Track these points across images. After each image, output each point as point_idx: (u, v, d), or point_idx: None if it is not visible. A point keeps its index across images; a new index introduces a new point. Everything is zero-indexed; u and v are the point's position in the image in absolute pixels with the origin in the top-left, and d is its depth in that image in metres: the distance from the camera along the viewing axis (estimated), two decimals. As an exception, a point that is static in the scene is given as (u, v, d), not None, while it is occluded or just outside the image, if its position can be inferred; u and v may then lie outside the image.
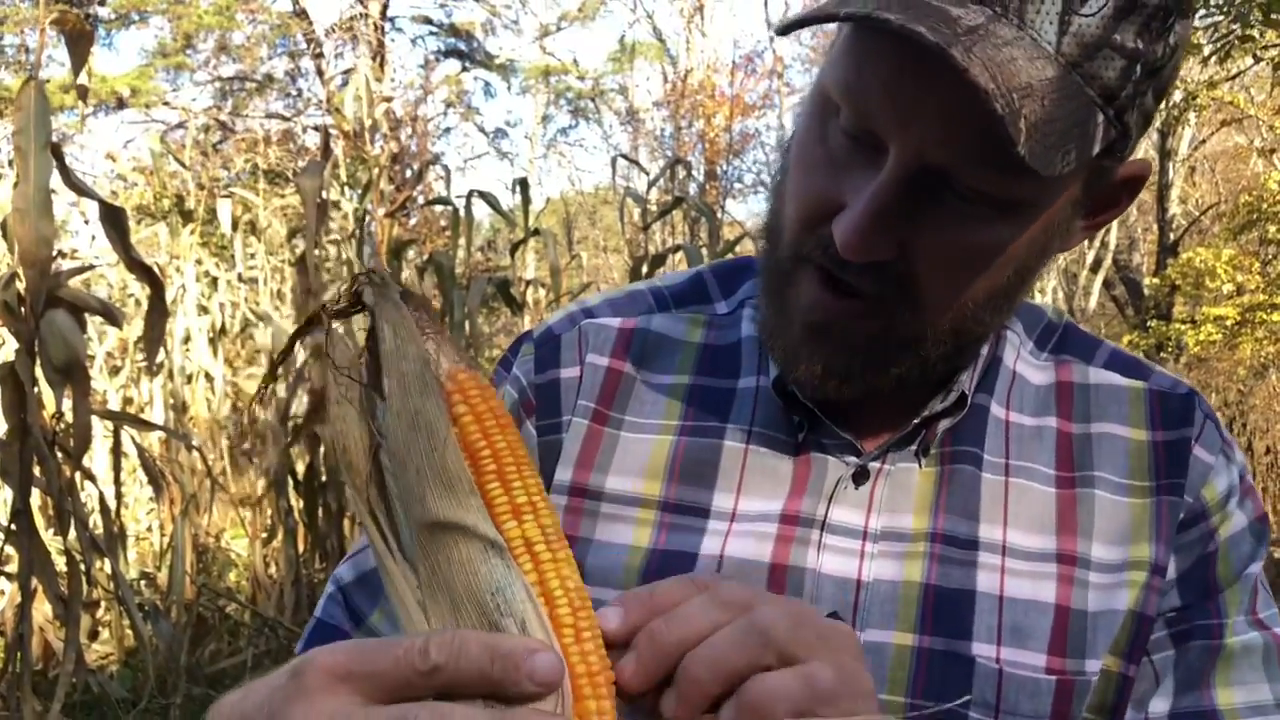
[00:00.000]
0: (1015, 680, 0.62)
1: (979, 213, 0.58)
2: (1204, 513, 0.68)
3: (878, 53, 0.56)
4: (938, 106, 0.54)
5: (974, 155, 0.56)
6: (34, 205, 2.88)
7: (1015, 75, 0.52)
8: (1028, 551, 0.65)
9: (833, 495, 0.67)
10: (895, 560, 0.65)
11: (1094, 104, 0.55)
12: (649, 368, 0.72)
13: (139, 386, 7.11)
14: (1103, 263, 12.07)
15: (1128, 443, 0.69)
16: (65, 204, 6.82)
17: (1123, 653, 0.65)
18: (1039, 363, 0.73)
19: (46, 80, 3.02)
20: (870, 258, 0.58)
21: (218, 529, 7.14)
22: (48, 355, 2.99)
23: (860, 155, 0.58)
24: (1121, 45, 0.55)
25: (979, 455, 0.67)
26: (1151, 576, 0.65)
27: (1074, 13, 0.53)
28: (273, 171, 10.63)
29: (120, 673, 5.07)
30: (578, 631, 0.46)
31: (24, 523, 3.08)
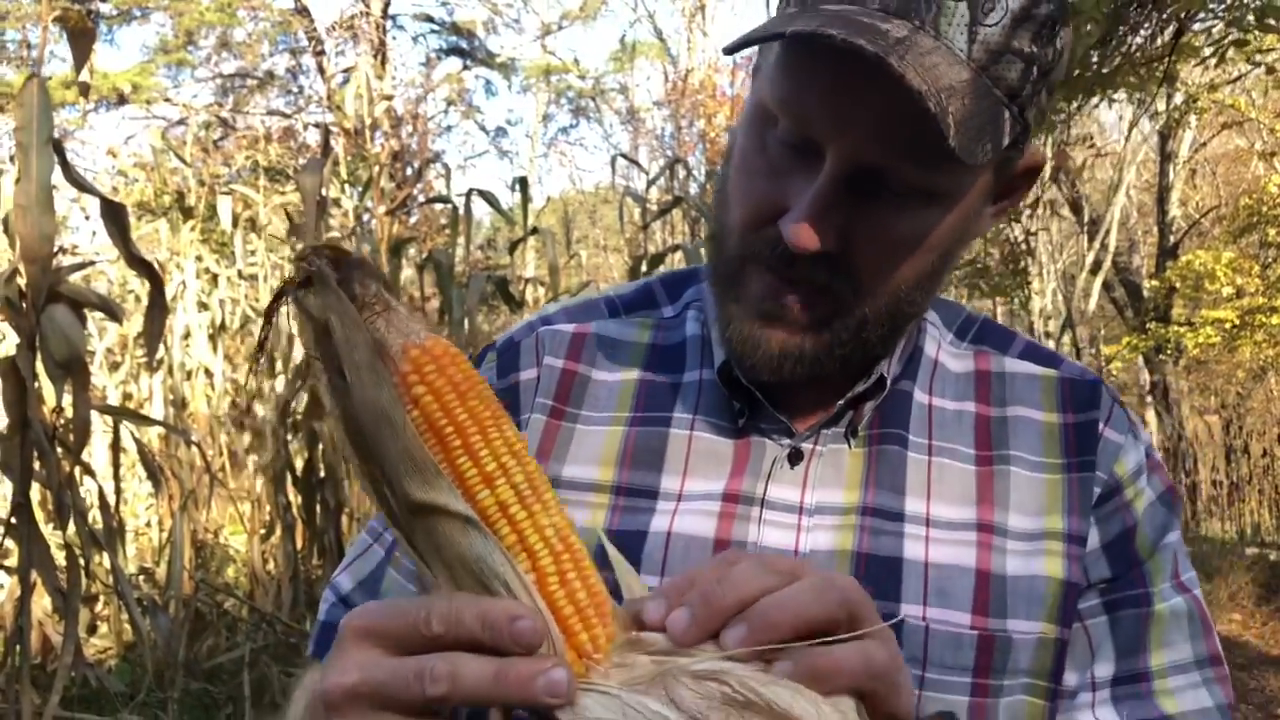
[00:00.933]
0: (940, 636, 0.68)
1: (909, 205, 0.65)
2: (1118, 487, 0.75)
3: (814, 69, 0.63)
4: (872, 112, 0.61)
5: (904, 152, 0.63)
6: (36, 201, 2.89)
7: (940, 79, 0.59)
8: (950, 522, 0.72)
9: (770, 474, 0.73)
10: (829, 532, 0.71)
11: (1001, 102, 0.63)
12: (601, 367, 0.79)
13: (138, 382, 7.13)
14: (1102, 265, 12.07)
15: (1041, 425, 0.75)
16: (66, 200, 6.83)
17: (1056, 619, 0.71)
18: (959, 352, 0.80)
19: (49, 77, 3.03)
20: (817, 249, 0.64)
21: (216, 525, 7.16)
22: (48, 350, 3.00)
23: (800, 161, 0.65)
24: (1020, 50, 0.62)
25: (904, 436, 0.74)
26: (1069, 545, 0.72)
27: (979, 24, 0.61)
28: (273, 168, 10.64)
29: (118, 667, 5.09)
30: (561, 575, 0.50)
31: (24, 516, 3.09)
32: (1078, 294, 12.47)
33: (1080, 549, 0.72)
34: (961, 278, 9.87)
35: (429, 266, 4.84)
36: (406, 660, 0.49)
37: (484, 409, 0.51)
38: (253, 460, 6.80)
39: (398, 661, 0.49)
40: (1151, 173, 14.92)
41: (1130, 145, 12.48)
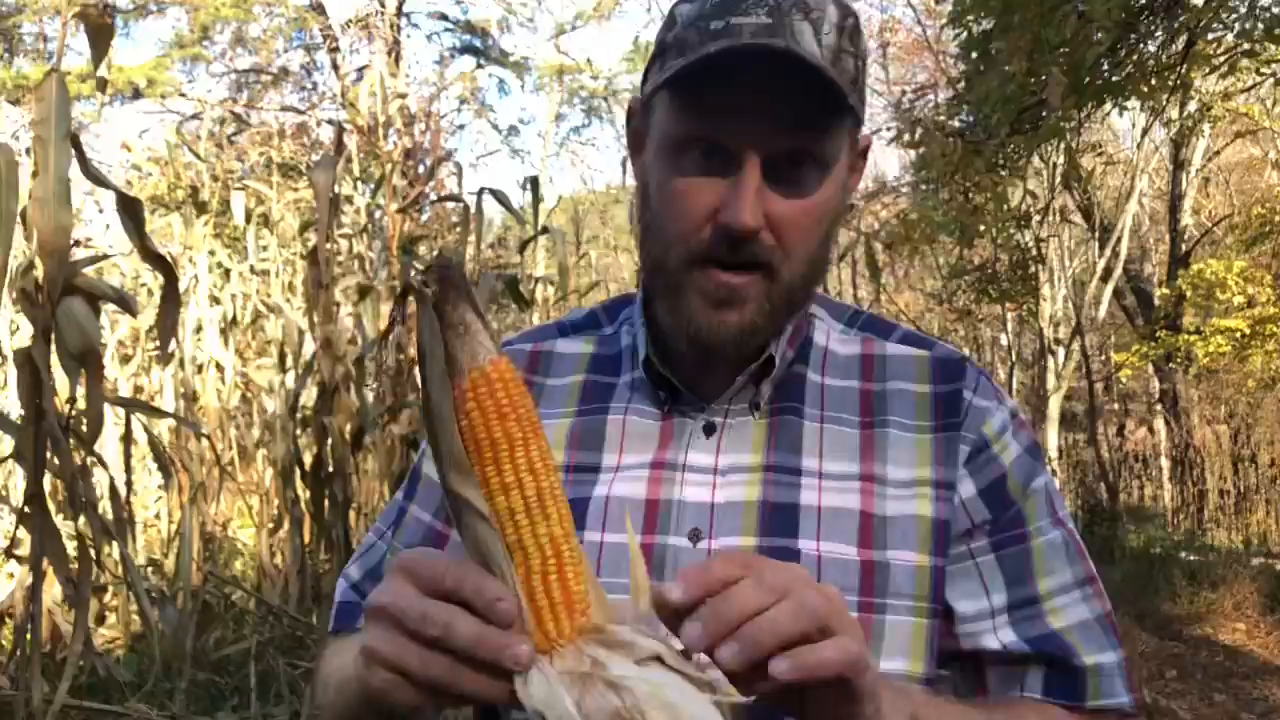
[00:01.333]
0: (831, 563, 0.83)
1: (809, 177, 0.82)
2: (987, 444, 0.90)
3: (713, 93, 0.79)
4: (770, 102, 0.78)
5: (800, 124, 0.80)
6: (53, 195, 2.92)
7: (817, 62, 0.77)
8: (838, 475, 0.87)
9: (689, 444, 0.90)
10: (739, 487, 0.87)
11: (849, 85, 0.80)
12: (553, 375, 0.97)
13: (149, 375, 7.18)
14: (1113, 272, 12.04)
15: (914, 395, 0.91)
16: (80, 193, 6.88)
17: (929, 550, 0.86)
18: (846, 339, 0.96)
19: (67, 72, 3.06)
20: (759, 226, 0.80)
21: (225, 518, 7.20)
22: (63, 342, 3.03)
23: (718, 169, 0.81)
24: (848, 49, 0.81)
25: (800, 409, 0.90)
26: (937, 490, 0.87)
27: (820, 34, 0.79)
28: (287, 165, 10.69)
29: (126, 657, 5.13)
30: (544, 575, 0.63)
31: (37, 505, 3.12)
32: (1088, 301, 12.45)
33: (949, 493, 0.87)
34: (971, 283, 9.86)
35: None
36: (424, 600, 0.63)
37: (518, 430, 0.64)
38: (262, 454, 6.85)
39: (417, 599, 0.63)
40: (1164, 180, 14.88)
41: (1143, 153, 12.46)
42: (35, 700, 3.18)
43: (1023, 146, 5.68)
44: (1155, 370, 12.91)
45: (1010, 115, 5.01)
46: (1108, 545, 8.51)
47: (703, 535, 0.85)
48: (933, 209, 6.53)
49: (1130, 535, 9.24)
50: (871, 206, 10.96)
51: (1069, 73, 4.37)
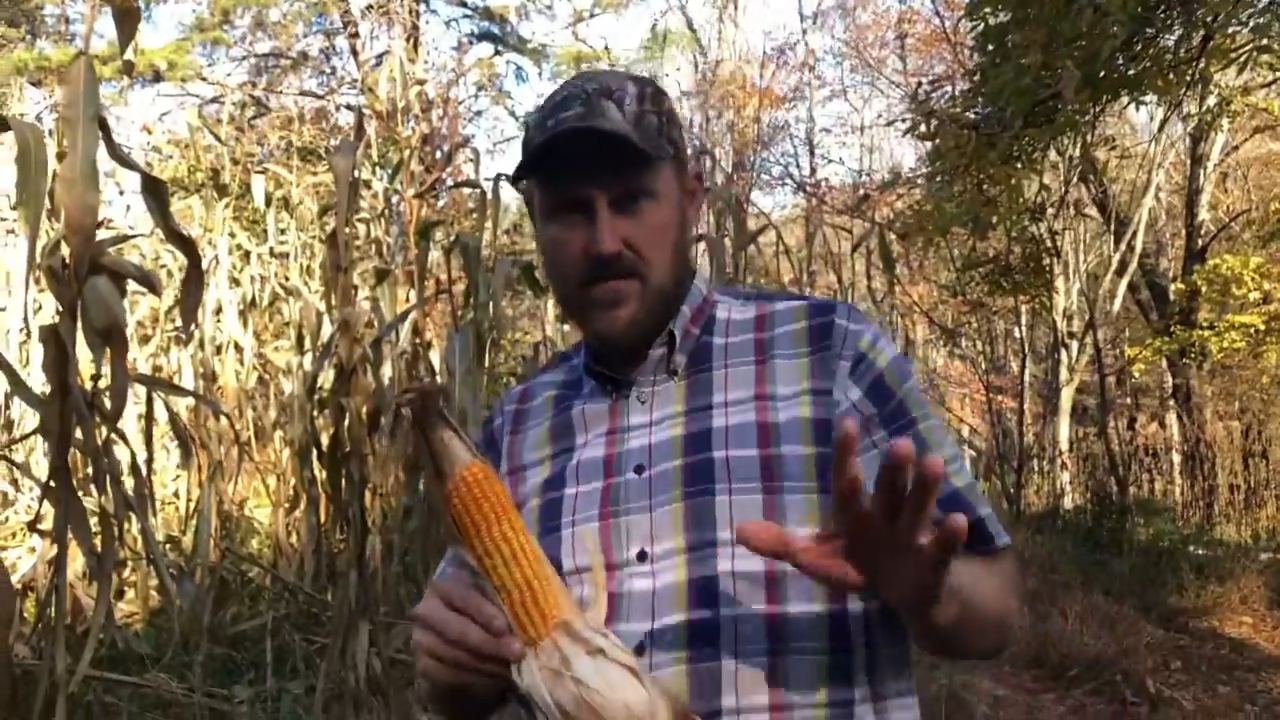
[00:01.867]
0: (737, 462, 1.06)
1: (644, 207, 1.10)
2: (864, 356, 1.12)
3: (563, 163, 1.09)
4: (602, 165, 1.08)
5: (627, 175, 1.09)
6: (80, 175, 2.98)
7: (619, 130, 1.07)
8: (739, 400, 1.12)
9: (629, 413, 1.16)
10: (667, 430, 1.13)
11: (655, 134, 1.10)
12: (535, 398, 1.28)
13: (168, 355, 7.26)
14: (1128, 266, 12.02)
15: (794, 331, 1.15)
16: (100, 174, 6.94)
17: (812, 442, 1.07)
18: (743, 308, 1.22)
19: (96, 55, 3.12)
20: (617, 249, 1.08)
21: (241, 498, 7.29)
22: (89, 319, 3.09)
23: (581, 217, 1.10)
24: (649, 111, 1.10)
25: (710, 366, 1.16)
26: (815, 396, 1.10)
27: (623, 108, 1.08)
28: (306, 149, 10.75)
29: (144, 631, 5.22)
30: (522, 603, 0.92)
31: (62, 479, 3.19)
32: (1102, 295, 12.44)
33: (825, 396, 1.10)
34: (984, 275, 9.87)
35: (456, 250, 4.91)
36: (448, 612, 0.93)
37: (490, 512, 0.94)
38: (279, 435, 6.93)
39: (441, 611, 0.94)
40: (1182, 175, 14.82)
41: (1160, 147, 12.41)
42: (59, 670, 3.26)
43: (1036, 139, 5.68)
44: (1169, 365, 12.89)
45: (1024, 108, 5.03)
46: (1116, 538, 8.53)
47: (645, 468, 1.10)
48: (946, 201, 6.54)
49: (1139, 528, 9.25)
50: (886, 197, 10.96)
51: (1084, 66, 4.38)
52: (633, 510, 1.07)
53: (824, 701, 1.00)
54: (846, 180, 21.01)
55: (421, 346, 5.66)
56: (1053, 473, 11.94)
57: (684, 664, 0.99)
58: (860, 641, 1.04)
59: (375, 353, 4.40)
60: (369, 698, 4.02)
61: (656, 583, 1.02)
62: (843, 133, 27.83)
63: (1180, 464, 11.88)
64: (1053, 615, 6.01)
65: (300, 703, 4.08)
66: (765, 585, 1.01)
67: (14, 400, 6.43)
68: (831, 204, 15.40)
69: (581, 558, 1.06)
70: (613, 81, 1.12)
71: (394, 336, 5.50)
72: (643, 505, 1.07)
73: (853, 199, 13.20)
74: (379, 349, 4.50)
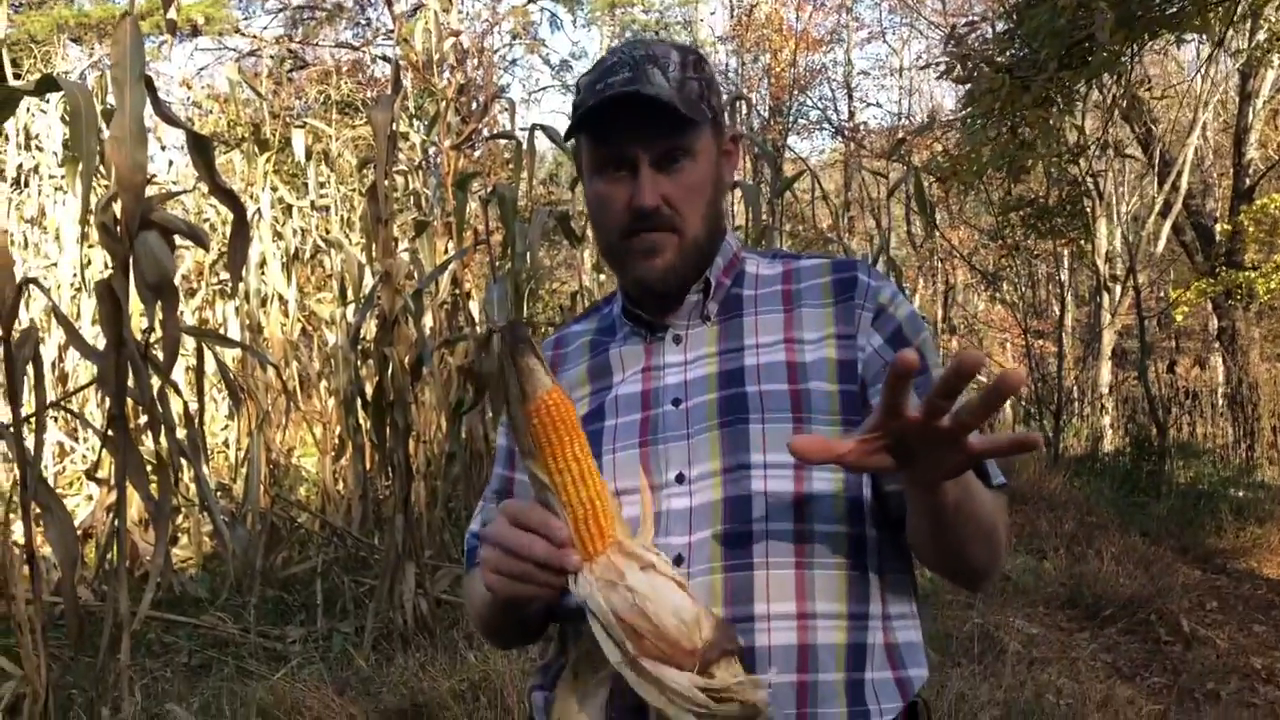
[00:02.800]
0: (769, 395, 1.17)
1: (684, 164, 1.20)
2: (884, 308, 1.23)
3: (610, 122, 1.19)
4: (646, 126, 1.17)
5: (668, 133, 1.18)
6: (129, 134, 3.06)
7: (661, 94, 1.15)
8: (769, 343, 1.22)
9: (665, 352, 1.26)
10: (701, 368, 1.23)
11: (696, 100, 1.19)
12: (570, 344, 1.37)
13: (214, 308, 7.42)
14: (1173, 207, 11.83)
15: (820, 285, 1.27)
16: (146, 131, 7.04)
17: (835, 380, 1.19)
18: (770, 264, 1.34)
19: (141, 15, 3.20)
20: (655, 202, 1.18)
21: (289, 446, 7.46)
22: (141, 274, 3.18)
23: (625, 173, 1.20)
24: (690, 78, 1.19)
25: (740, 313, 1.27)
26: (839, 340, 1.21)
27: (667, 74, 1.17)
28: (344, 102, 10.81)
29: (199, 575, 5.41)
30: (586, 519, 0.99)
31: (120, 429, 3.31)
32: (1145, 237, 12.28)
33: (848, 340, 1.21)
34: (1022, 218, 9.78)
35: (493, 201, 4.97)
36: (514, 530, 1.01)
37: (565, 434, 1.00)
38: (323, 385, 7.08)
39: (511, 530, 1.01)
40: (1230, 113, 14.50)
41: (1207, 85, 12.15)
42: (122, 611, 3.41)
43: (1072, 82, 5.60)
44: (1214, 307, 12.72)
45: (1059, 50, 4.97)
46: (1155, 480, 8.51)
47: (682, 400, 1.21)
48: (981, 145, 6.47)
49: (1178, 471, 9.22)
50: (925, 140, 10.85)
51: (1119, 6, 4.33)
52: (671, 439, 1.17)
53: (844, 613, 1.11)
54: (885, 124, 20.76)
55: (461, 297, 5.76)
56: (1092, 416, 11.89)
57: (720, 573, 1.09)
58: (874, 564, 1.15)
59: (416, 303, 4.49)
60: (416, 636, 4.16)
61: (694, 501, 1.13)
62: (881, 75, 27.46)
63: (1224, 406, 11.78)
64: (1088, 556, 6.05)
65: (350, 641, 4.23)
66: (794, 505, 1.12)
67: (67, 352, 6.61)
68: (870, 148, 15.25)
69: (623, 481, 1.14)
70: (658, 50, 1.21)
71: (434, 287, 5.59)
72: (680, 434, 1.17)
73: (890, 143, 13.07)
74: (419, 300, 4.59)
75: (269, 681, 3.66)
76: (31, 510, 3.32)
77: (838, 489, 1.15)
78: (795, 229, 11.86)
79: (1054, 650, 4.59)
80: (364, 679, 3.76)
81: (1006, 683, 3.90)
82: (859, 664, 1.11)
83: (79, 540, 3.87)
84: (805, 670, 1.09)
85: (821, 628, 1.10)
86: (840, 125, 20.12)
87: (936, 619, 4.64)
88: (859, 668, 1.11)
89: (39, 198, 7.18)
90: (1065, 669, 4.30)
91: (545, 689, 1.22)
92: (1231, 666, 4.51)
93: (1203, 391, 12.82)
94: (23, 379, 3.27)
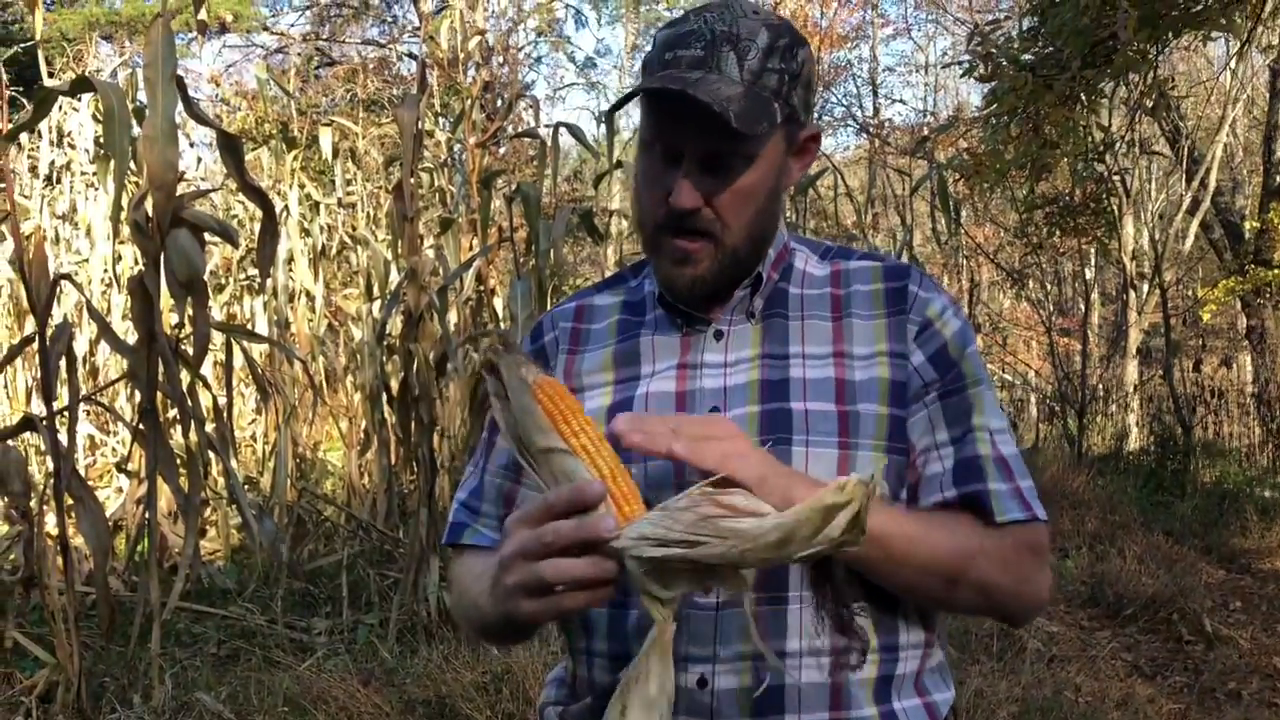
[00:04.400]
0: (815, 415, 1.10)
1: (735, 169, 1.09)
2: (930, 323, 1.16)
3: (661, 110, 1.10)
4: (695, 123, 1.05)
5: (720, 139, 1.07)
6: (161, 133, 3.13)
7: (720, 94, 1.04)
8: (817, 355, 1.15)
9: (704, 348, 1.17)
10: (743, 373, 1.15)
11: (768, 98, 1.07)
12: (595, 320, 1.26)
13: (242, 304, 7.51)
14: (1200, 204, 11.73)
15: (870, 292, 1.19)
16: (177, 128, 7.13)
17: (887, 403, 1.12)
18: (820, 264, 1.24)
19: (173, 15, 3.26)
20: (693, 205, 1.09)
21: (315, 440, 7.55)
22: (172, 271, 3.25)
23: (671, 164, 1.10)
24: (773, 68, 1.08)
25: (785, 314, 1.19)
26: (892, 358, 1.14)
27: (744, 60, 1.06)
28: (370, 100, 10.90)
29: (227, 567, 5.49)
30: (614, 480, 0.93)
31: (151, 421, 3.38)
32: (1173, 234, 12.19)
33: (901, 360, 1.14)
34: (1046, 216, 9.73)
35: (517, 198, 5.02)
36: (536, 529, 0.90)
37: (567, 408, 0.96)
38: (350, 380, 7.15)
39: (531, 533, 0.90)
40: (1261, 109, 14.36)
41: (1237, 80, 12.04)
42: (152, 601, 3.48)
43: (1095, 80, 5.59)
44: (1243, 305, 12.61)
45: (1082, 48, 4.95)
46: (1179, 479, 8.46)
47: (720, 409, 1.12)
48: (1003, 144, 6.46)
49: (1203, 470, 9.16)
50: (950, 138, 10.81)
51: (1142, 5, 4.31)
52: None
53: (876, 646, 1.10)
54: (910, 121, 20.68)
55: (485, 293, 5.81)
56: (1118, 415, 11.82)
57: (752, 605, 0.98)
58: None
59: (441, 300, 4.54)
60: (440, 628, 4.22)
61: None
62: (907, 72, 27.31)
63: (1254, 406, 11.68)
64: (1110, 555, 6.03)
65: (374, 633, 4.28)
66: None
67: (99, 346, 6.72)
68: (895, 145, 15.21)
69: (655, 495, 1.02)
70: (744, 27, 1.08)
71: (459, 284, 5.64)
72: None
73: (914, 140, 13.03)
74: (444, 296, 4.64)
75: (295, 672, 3.72)
76: (65, 502, 3.41)
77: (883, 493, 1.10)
78: (819, 226, 11.85)
79: (1074, 648, 4.59)
80: (388, 670, 3.82)
81: (1025, 680, 3.91)
82: (887, 695, 1.09)
83: (110, 532, 3.95)
84: (838, 708, 1.07)
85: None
86: (865, 122, 20.06)
87: (956, 615, 4.66)
88: (888, 699, 1.09)
89: (71, 194, 7.29)
90: (1085, 667, 4.31)
91: (563, 704, 1.19)
92: (1254, 666, 4.50)
93: (1229, 390, 12.72)
94: (56, 373, 3.36)
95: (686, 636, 1.05)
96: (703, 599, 1.05)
